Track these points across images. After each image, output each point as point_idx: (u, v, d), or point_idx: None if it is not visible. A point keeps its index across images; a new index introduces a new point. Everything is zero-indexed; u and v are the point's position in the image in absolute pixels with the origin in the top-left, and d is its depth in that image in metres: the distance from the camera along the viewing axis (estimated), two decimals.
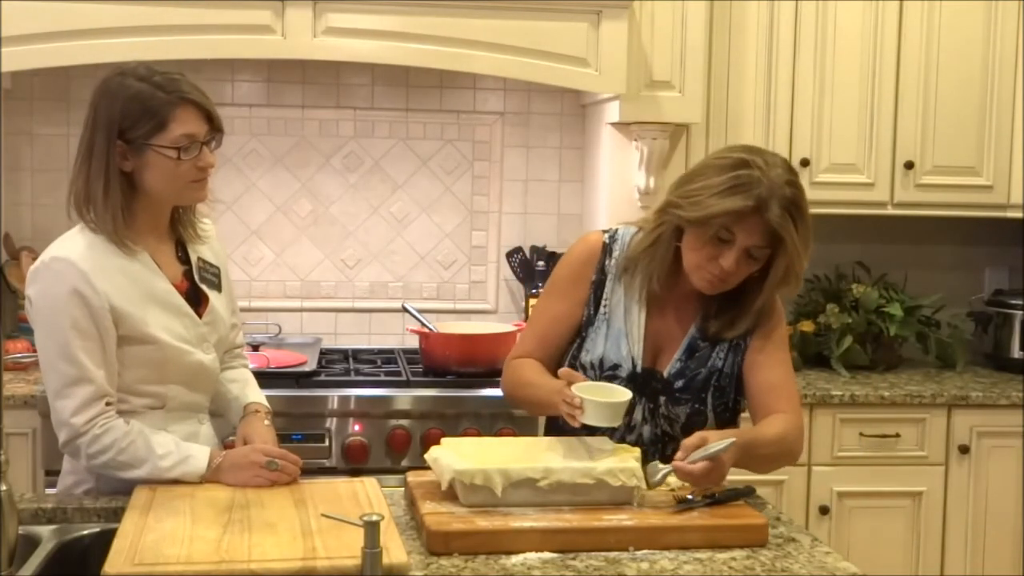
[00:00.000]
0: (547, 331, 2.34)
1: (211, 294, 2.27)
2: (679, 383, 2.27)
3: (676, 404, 2.27)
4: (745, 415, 2.32)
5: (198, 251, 2.28)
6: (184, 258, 2.25)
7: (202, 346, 2.21)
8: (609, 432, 2.16)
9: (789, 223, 2.09)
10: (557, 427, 2.34)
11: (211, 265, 2.30)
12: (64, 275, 2.05)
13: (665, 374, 2.27)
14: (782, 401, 2.24)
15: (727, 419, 2.31)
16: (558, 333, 2.33)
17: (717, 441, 2.02)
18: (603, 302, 2.30)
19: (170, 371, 2.16)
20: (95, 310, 2.05)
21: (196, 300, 2.23)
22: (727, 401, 2.29)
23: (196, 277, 2.25)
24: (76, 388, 2.06)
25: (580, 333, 2.32)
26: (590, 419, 2.06)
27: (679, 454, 2.02)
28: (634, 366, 2.27)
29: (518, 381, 2.32)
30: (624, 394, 2.10)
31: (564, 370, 2.16)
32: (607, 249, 2.32)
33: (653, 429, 2.28)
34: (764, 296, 2.22)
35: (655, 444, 2.26)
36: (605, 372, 2.27)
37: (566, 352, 2.33)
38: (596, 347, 2.29)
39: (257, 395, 2.37)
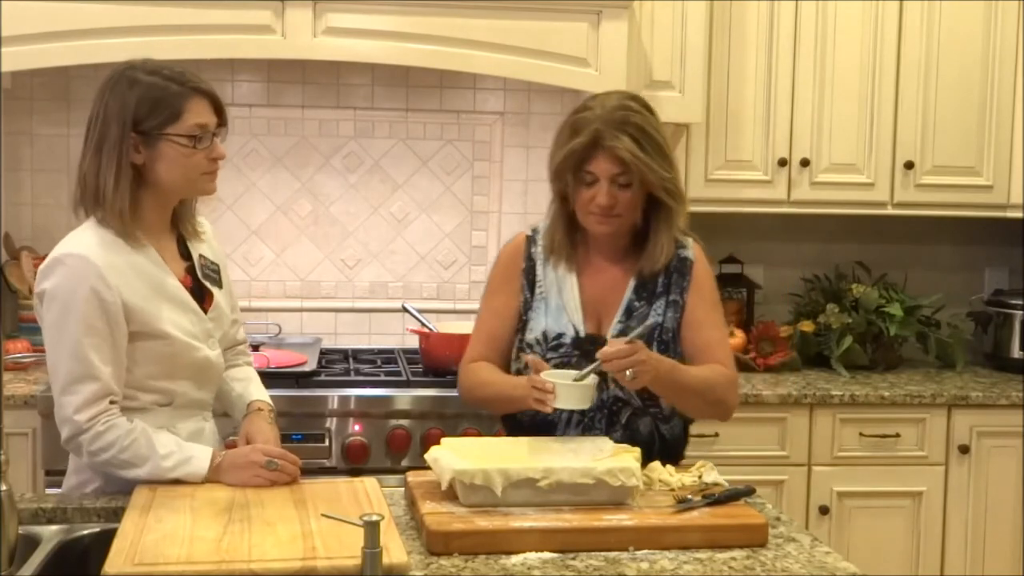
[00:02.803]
0: (492, 328, 2.43)
1: (214, 290, 2.28)
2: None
3: None
4: None
5: (198, 248, 2.30)
6: (185, 255, 2.26)
7: (208, 342, 2.22)
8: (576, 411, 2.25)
9: (632, 143, 2.23)
10: (516, 422, 2.40)
11: (211, 262, 2.32)
12: (79, 271, 2.06)
13: (608, 336, 2.33)
14: (719, 357, 2.34)
15: None
16: (503, 326, 2.42)
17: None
18: (537, 284, 2.40)
19: (179, 367, 2.17)
20: (108, 306, 2.06)
21: (200, 296, 2.24)
22: (672, 356, 2.34)
23: (199, 274, 2.26)
24: (82, 385, 2.06)
25: (522, 318, 2.40)
26: (562, 403, 2.14)
27: (605, 348, 2.14)
28: (577, 332, 2.34)
29: (476, 382, 2.40)
30: (591, 377, 2.17)
31: (531, 358, 2.25)
32: (531, 240, 2.45)
33: (600, 394, 2.30)
34: (663, 222, 2.33)
35: (601, 410, 2.32)
36: (551, 344, 2.35)
37: (514, 342, 2.42)
38: (538, 324, 2.37)
39: (261, 393, 2.38)
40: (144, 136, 2.10)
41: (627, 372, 2.12)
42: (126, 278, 2.10)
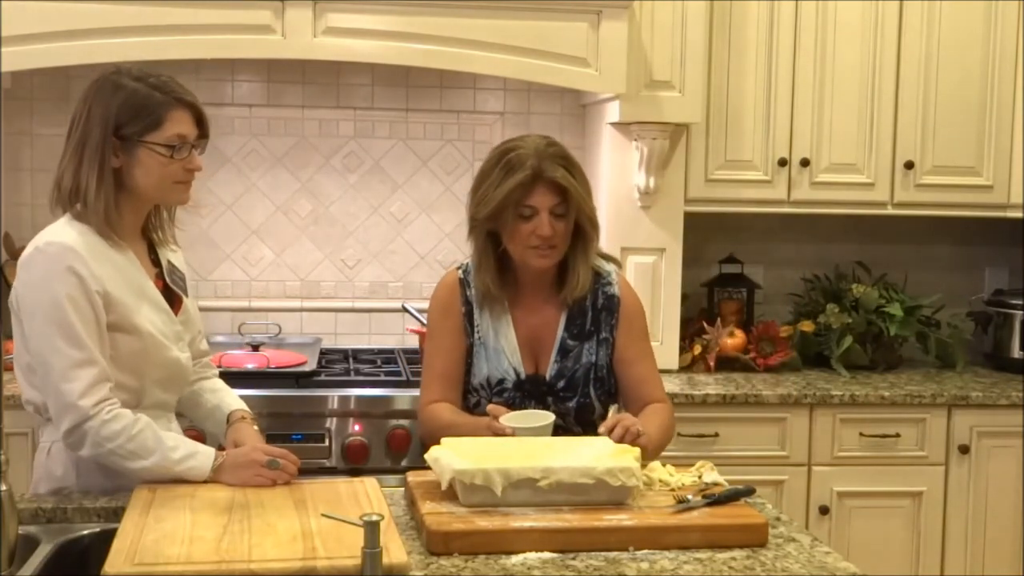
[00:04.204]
0: (445, 367, 2.49)
1: (182, 296, 2.31)
2: (561, 383, 2.46)
3: (563, 402, 2.46)
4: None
5: (167, 256, 2.31)
6: (155, 261, 2.28)
7: (178, 344, 2.24)
8: None
9: (567, 173, 2.37)
10: None
11: (178, 270, 2.34)
12: (61, 257, 2.07)
13: (547, 377, 2.47)
14: (655, 391, 2.50)
15: (613, 403, 2.52)
16: (455, 366, 2.48)
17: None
18: (476, 329, 2.48)
19: (150, 365, 2.17)
20: (91, 293, 2.07)
21: (169, 300, 2.26)
22: (609, 390, 2.50)
23: (167, 279, 2.28)
24: (82, 370, 2.05)
25: (467, 360, 2.48)
26: None
27: (600, 430, 2.25)
28: (517, 375, 2.46)
29: (438, 425, 2.42)
30: (547, 417, 2.29)
31: (491, 407, 2.34)
32: (464, 283, 2.52)
33: None
34: (581, 252, 2.44)
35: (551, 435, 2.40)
36: (494, 389, 2.45)
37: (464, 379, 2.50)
38: (481, 370, 2.46)
39: (238, 402, 2.39)
40: (123, 141, 2.11)
41: (638, 434, 2.23)
42: (106, 269, 2.11)
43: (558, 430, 2.35)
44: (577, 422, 2.47)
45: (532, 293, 2.49)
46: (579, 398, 2.46)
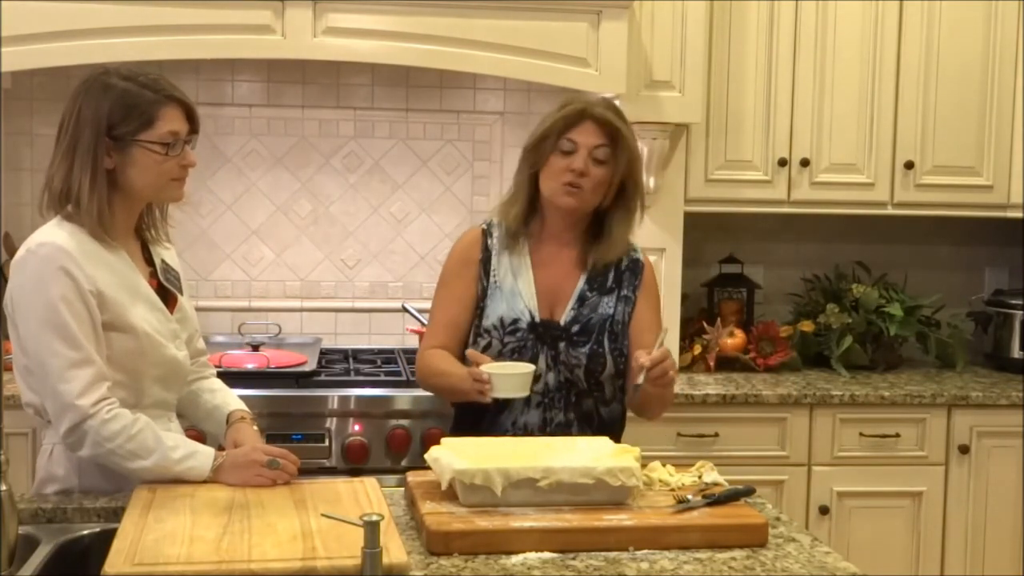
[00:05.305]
0: (451, 315, 2.54)
1: (176, 294, 2.31)
2: (575, 328, 2.49)
3: (575, 347, 2.48)
4: None
5: (160, 254, 2.32)
6: (148, 260, 2.28)
7: (175, 342, 2.24)
8: (519, 399, 2.38)
9: (617, 119, 2.44)
10: (468, 413, 2.50)
11: (172, 268, 2.34)
12: (53, 258, 2.07)
13: (562, 322, 2.50)
14: None
15: (624, 364, 2.50)
16: (462, 313, 2.53)
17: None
18: (492, 273, 2.53)
19: (148, 364, 2.17)
20: (84, 293, 2.07)
21: (164, 299, 2.26)
22: (621, 347, 2.52)
23: (161, 278, 2.28)
24: (79, 370, 2.05)
25: (479, 305, 2.51)
26: (499, 392, 2.30)
27: (643, 360, 2.27)
28: (532, 317, 2.49)
29: (430, 371, 2.52)
30: (527, 367, 2.33)
31: (470, 352, 2.40)
32: (487, 233, 2.57)
33: (557, 376, 2.47)
34: (623, 216, 2.50)
35: (560, 391, 2.46)
36: (507, 329, 2.47)
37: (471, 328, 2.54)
38: (496, 311, 2.49)
39: (237, 402, 2.39)
40: (116, 141, 2.11)
41: (671, 381, 2.32)
42: (99, 269, 2.11)
43: (566, 384, 2.38)
44: (586, 376, 2.47)
45: (556, 240, 2.53)
46: (592, 344, 2.48)
